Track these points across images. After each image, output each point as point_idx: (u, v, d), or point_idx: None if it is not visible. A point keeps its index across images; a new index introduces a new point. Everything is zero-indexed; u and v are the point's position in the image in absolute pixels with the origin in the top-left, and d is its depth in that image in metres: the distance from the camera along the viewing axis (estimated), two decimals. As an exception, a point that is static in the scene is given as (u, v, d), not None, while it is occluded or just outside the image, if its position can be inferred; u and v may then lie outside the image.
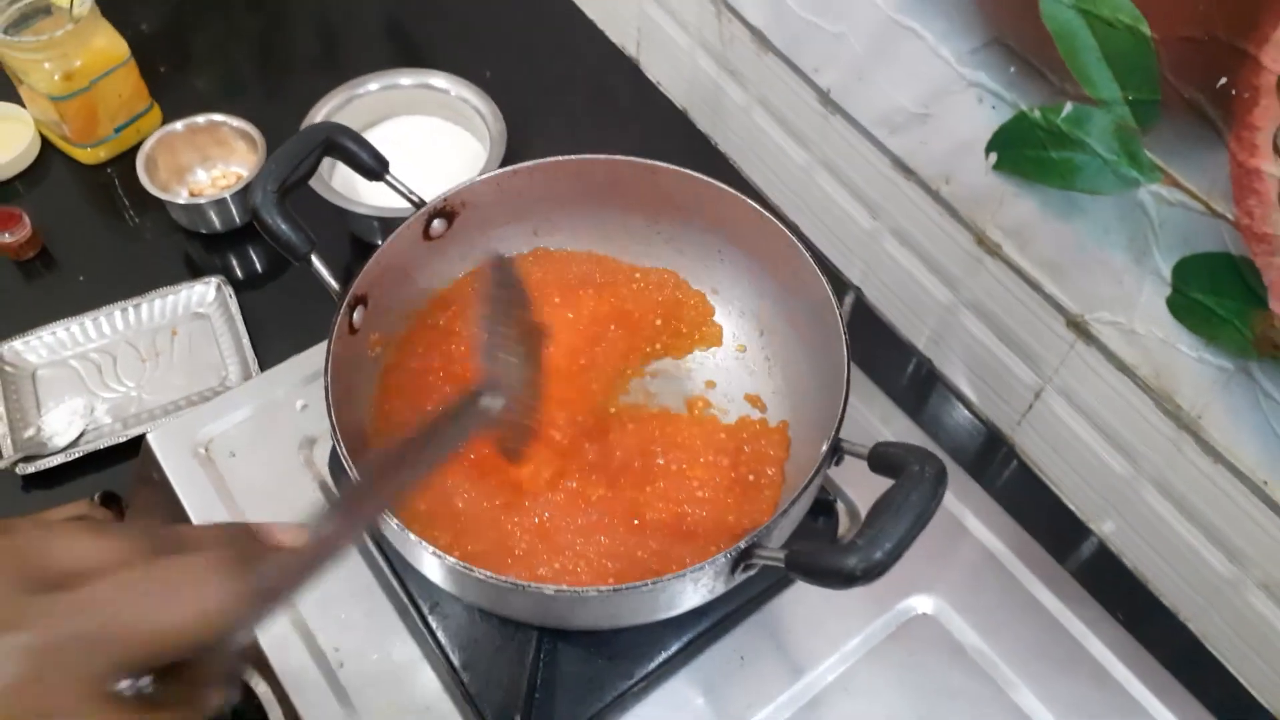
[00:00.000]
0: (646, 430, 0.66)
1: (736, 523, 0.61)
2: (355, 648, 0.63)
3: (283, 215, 0.57)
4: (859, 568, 0.44)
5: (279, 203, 0.57)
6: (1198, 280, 0.60)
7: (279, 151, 0.59)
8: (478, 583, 0.50)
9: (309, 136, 0.60)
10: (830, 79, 0.81)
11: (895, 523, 0.45)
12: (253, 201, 0.58)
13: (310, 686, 0.61)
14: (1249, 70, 0.52)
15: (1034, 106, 0.65)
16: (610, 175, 0.69)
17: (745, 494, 0.63)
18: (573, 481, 0.62)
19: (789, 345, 0.71)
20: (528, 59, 1.13)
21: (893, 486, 0.47)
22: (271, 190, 0.57)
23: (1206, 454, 0.65)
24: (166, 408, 0.86)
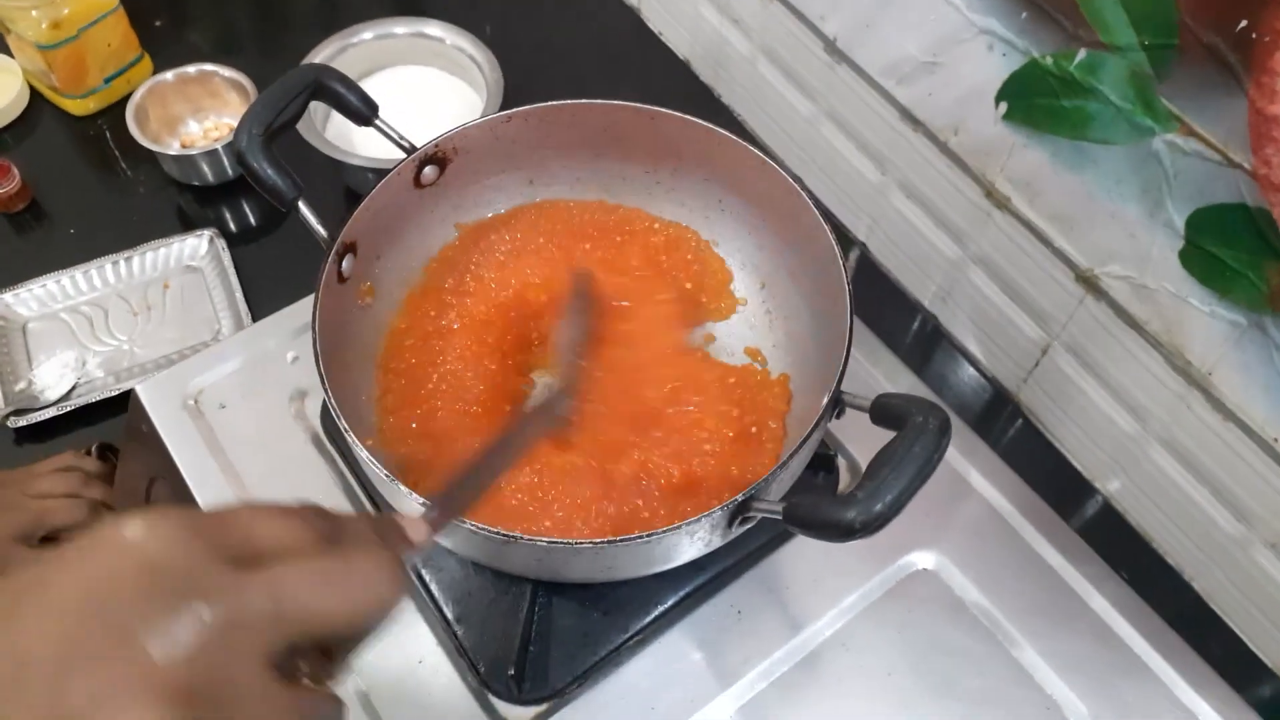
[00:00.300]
0: (650, 373, 0.65)
1: (740, 476, 0.61)
2: None
3: (268, 159, 0.56)
4: (858, 520, 0.43)
5: (265, 146, 0.56)
6: (1212, 232, 0.59)
7: (264, 94, 0.58)
8: (470, 534, 0.49)
9: (296, 78, 0.59)
10: (836, 27, 0.79)
11: (897, 475, 0.44)
12: (238, 145, 0.56)
13: None
14: (1271, 12, 0.50)
15: (1046, 54, 0.63)
16: (607, 121, 0.68)
17: (747, 446, 0.62)
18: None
19: (790, 298, 0.70)
20: (528, 11, 1.12)
21: (895, 438, 0.46)
22: (257, 134, 0.55)
23: (1216, 411, 0.64)
24: (159, 361, 0.85)
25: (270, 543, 0.35)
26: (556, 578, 0.59)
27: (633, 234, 0.72)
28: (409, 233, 0.67)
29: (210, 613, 0.31)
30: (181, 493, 0.66)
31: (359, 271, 0.63)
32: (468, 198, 0.70)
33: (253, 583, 0.33)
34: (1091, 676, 0.64)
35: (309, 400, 0.71)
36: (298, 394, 0.71)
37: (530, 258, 0.70)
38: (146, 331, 0.88)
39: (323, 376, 0.54)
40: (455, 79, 0.98)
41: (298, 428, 0.70)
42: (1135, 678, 0.64)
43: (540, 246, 0.71)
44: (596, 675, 0.61)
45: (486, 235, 0.71)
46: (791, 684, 0.62)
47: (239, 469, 0.68)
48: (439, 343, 0.66)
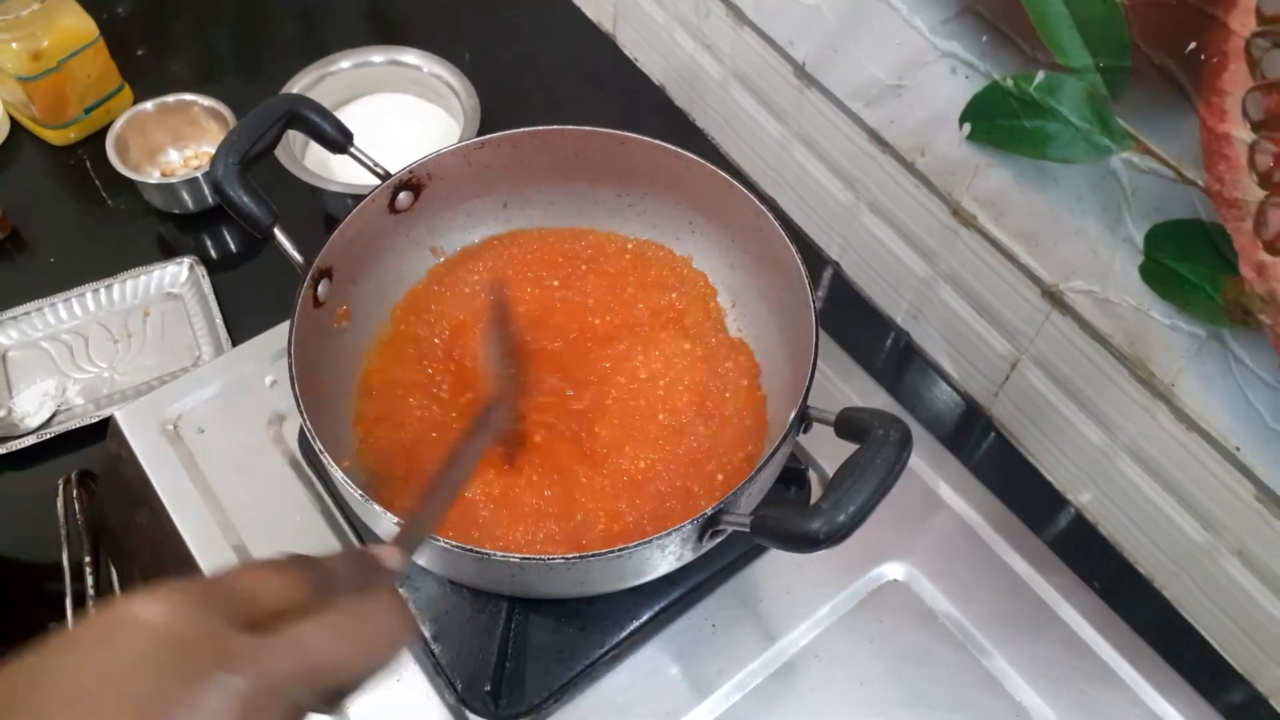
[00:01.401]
0: (625, 389, 0.66)
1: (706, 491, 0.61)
2: None
3: (244, 187, 0.57)
4: (822, 530, 0.44)
5: (241, 175, 0.57)
6: (1170, 247, 0.61)
7: (240, 124, 0.59)
8: (445, 552, 0.50)
9: (270, 108, 0.60)
10: (805, 51, 0.81)
11: (859, 486, 0.45)
12: (214, 174, 0.57)
13: None
14: (1217, 35, 0.52)
15: (1006, 76, 0.65)
16: (579, 147, 0.69)
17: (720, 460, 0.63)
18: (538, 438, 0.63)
19: (761, 316, 0.70)
20: (505, 37, 1.13)
21: (857, 450, 0.47)
22: (233, 163, 0.56)
23: (1180, 421, 0.65)
24: (139, 388, 0.85)
25: (276, 601, 0.35)
26: (531, 594, 0.59)
27: (608, 256, 0.73)
28: (385, 257, 0.68)
29: (242, 682, 0.31)
30: (161, 518, 0.66)
31: (335, 296, 0.63)
32: (442, 222, 0.71)
33: (275, 646, 0.33)
34: (1061, 683, 0.64)
35: (287, 424, 0.71)
36: (276, 418, 0.72)
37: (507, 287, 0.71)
38: (127, 359, 0.88)
39: (298, 400, 0.54)
40: (433, 106, 1.00)
41: (276, 451, 0.70)
42: (1104, 684, 0.65)
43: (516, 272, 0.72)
44: (573, 690, 0.61)
45: (461, 264, 0.72)
46: (766, 695, 0.63)
47: (218, 493, 0.68)
48: (414, 366, 0.66)
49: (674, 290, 0.71)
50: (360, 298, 0.67)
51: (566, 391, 0.66)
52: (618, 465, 0.62)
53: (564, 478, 0.61)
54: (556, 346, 0.67)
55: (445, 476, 0.48)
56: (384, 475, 0.61)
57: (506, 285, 0.70)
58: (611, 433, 0.63)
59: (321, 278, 0.60)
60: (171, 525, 0.65)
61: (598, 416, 0.65)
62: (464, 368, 0.66)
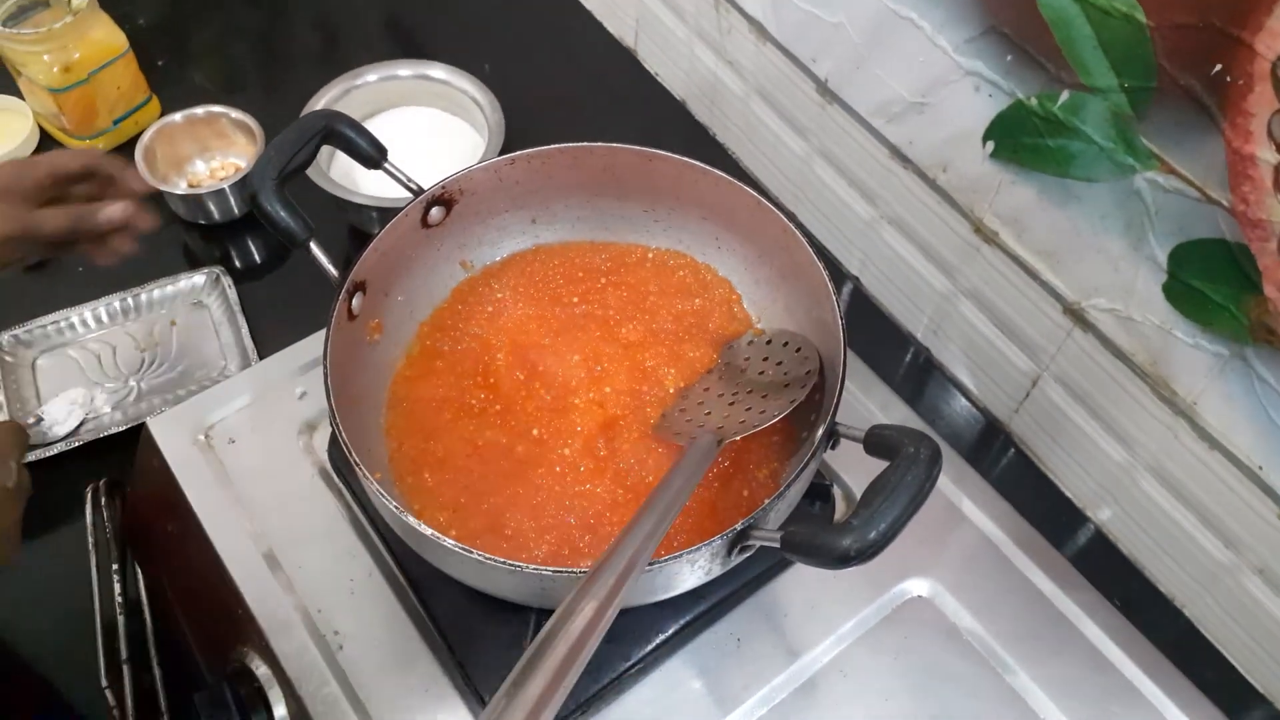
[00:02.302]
0: (649, 401, 0.67)
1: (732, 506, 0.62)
2: (354, 631, 0.63)
3: (282, 203, 0.58)
4: (853, 548, 0.45)
5: (278, 190, 0.58)
6: (1193, 266, 0.61)
7: (278, 139, 0.60)
8: (477, 564, 0.50)
9: (308, 124, 0.61)
10: (828, 68, 0.82)
11: (890, 503, 0.46)
12: (252, 189, 0.58)
13: (310, 669, 0.61)
14: (1243, 57, 0.52)
15: (1030, 94, 0.65)
16: (608, 163, 0.70)
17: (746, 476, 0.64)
18: (569, 451, 0.64)
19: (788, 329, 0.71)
20: (526, 51, 1.14)
21: (887, 468, 0.48)
22: (271, 178, 0.57)
23: (1202, 440, 0.65)
24: (166, 398, 0.86)
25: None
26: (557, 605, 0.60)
27: (628, 267, 0.74)
28: (416, 271, 0.69)
29: None
30: (192, 527, 0.67)
31: (368, 309, 0.64)
32: (473, 237, 0.72)
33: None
34: (1084, 701, 0.65)
35: (317, 434, 0.72)
36: (306, 428, 0.73)
37: (526, 301, 0.72)
38: (153, 368, 0.89)
39: (334, 414, 0.55)
40: (457, 119, 1.01)
41: (306, 461, 0.71)
42: (1127, 702, 0.65)
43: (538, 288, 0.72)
44: (599, 703, 0.62)
45: (485, 281, 0.73)
46: (790, 710, 0.63)
47: (248, 502, 0.69)
48: (443, 379, 0.67)
49: (697, 296, 0.72)
50: (392, 311, 0.68)
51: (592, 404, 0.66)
52: (641, 479, 0.63)
53: (589, 493, 0.62)
54: (576, 361, 0.68)
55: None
56: (415, 487, 0.61)
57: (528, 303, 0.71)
58: (633, 447, 0.64)
59: (356, 291, 0.61)
60: (202, 534, 0.66)
61: (622, 430, 0.65)
62: (489, 383, 0.67)
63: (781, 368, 0.65)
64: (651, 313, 0.70)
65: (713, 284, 0.73)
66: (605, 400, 0.65)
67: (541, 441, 0.63)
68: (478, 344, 0.68)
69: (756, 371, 0.65)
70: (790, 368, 0.64)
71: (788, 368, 0.64)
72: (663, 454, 0.63)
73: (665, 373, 0.67)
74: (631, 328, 0.69)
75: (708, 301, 0.72)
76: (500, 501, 0.60)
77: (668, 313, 0.70)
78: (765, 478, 0.62)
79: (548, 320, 0.70)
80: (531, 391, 0.66)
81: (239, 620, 0.63)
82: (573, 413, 0.65)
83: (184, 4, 1.20)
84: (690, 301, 0.71)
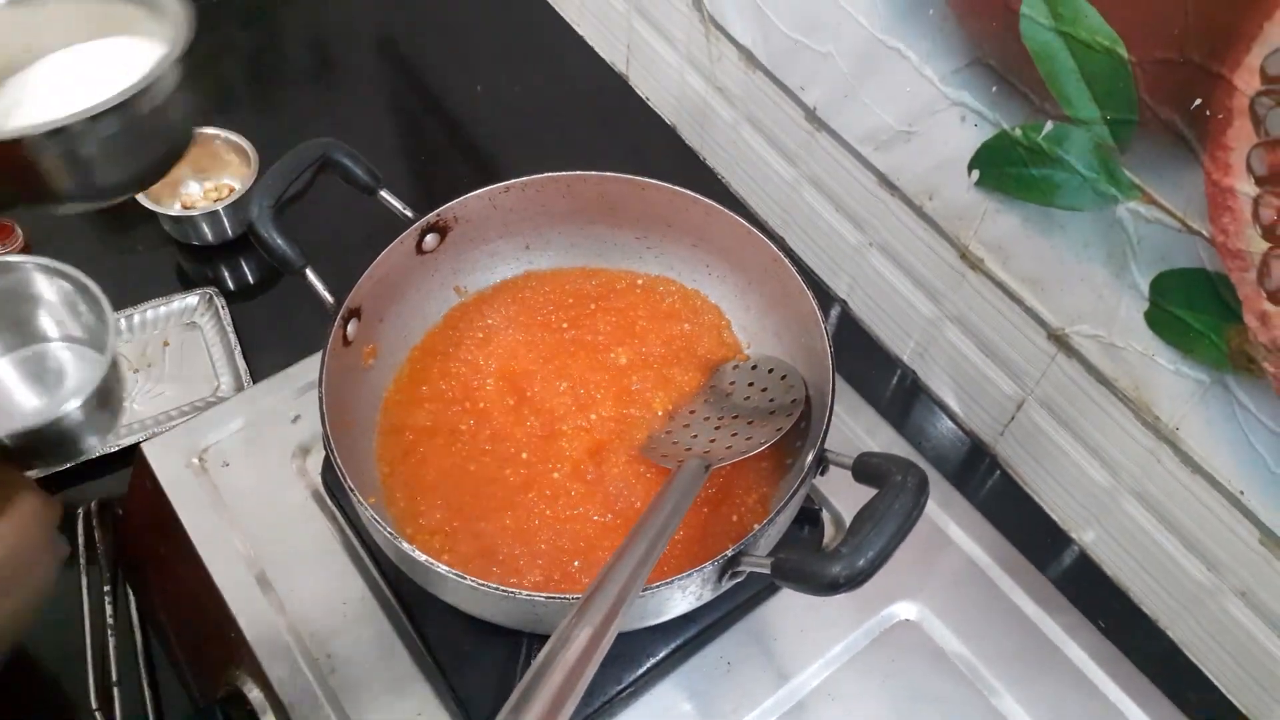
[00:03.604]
0: (638, 425, 0.67)
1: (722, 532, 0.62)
2: (347, 654, 0.64)
3: (279, 230, 0.59)
4: (842, 575, 0.46)
5: (275, 217, 0.59)
6: (1175, 295, 0.62)
7: (274, 167, 0.60)
8: (470, 589, 0.51)
9: (304, 153, 0.61)
10: (817, 97, 0.83)
11: (878, 531, 0.46)
12: (249, 217, 0.59)
13: (302, 693, 0.61)
14: (1222, 92, 0.53)
15: (1015, 125, 0.66)
16: (601, 191, 0.71)
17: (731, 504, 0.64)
18: (556, 473, 0.65)
19: (775, 356, 0.72)
20: (519, 73, 1.15)
21: (875, 496, 0.49)
22: (268, 205, 0.58)
23: (1184, 465, 0.66)
24: (158, 418, 0.86)
25: None
26: (550, 631, 0.60)
27: (618, 293, 0.75)
28: (410, 296, 0.70)
29: None
30: (185, 549, 0.67)
31: (362, 334, 0.65)
32: (466, 263, 0.72)
33: None
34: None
35: (310, 458, 0.73)
36: (299, 451, 0.73)
37: (516, 327, 0.72)
38: (146, 388, 0.89)
39: (328, 439, 0.56)
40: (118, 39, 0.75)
41: (299, 484, 0.71)
42: None
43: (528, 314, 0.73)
44: None
45: (476, 308, 0.73)
46: (780, 733, 0.64)
47: (241, 525, 0.69)
48: (433, 405, 0.68)
49: (686, 321, 0.73)
50: (386, 336, 0.68)
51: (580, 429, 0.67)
52: (630, 504, 0.63)
53: (580, 517, 0.62)
54: (565, 387, 0.69)
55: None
56: (408, 512, 0.62)
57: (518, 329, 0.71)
58: (622, 471, 0.65)
59: (351, 317, 0.62)
60: (195, 556, 0.66)
61: (610, 454, 0.66)
62: (479, 408, 0.68)
63: (767, 395, 0.65)
64: (641, 338, 0.71)
65: (702, 309, 0.73)
66: (593, 426, 0.66)
67: (531, 466, 0.64)
68: (468, 369, 0.69)
69: (743, 397, 0.66)
70: (776, 395, 0.65)
71: (774, 395, 0.65)
72: (651, 478, 0.64)
73: (653, 396, 0.68)
74: (620, 352, 0.70)
75: (697, 327, 0.72)
76: (492, 527, 0.61)
77: (657, 337, 0.71)
78: (754, 503, 0.63)
79: (537, 346, 0.71)
80: (520, 417, 0.67)
81: (231, 643, 0.64)
82: (561, 438, 0.65)
83: None
84: (679, 326, 0.72)
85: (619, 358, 0.70)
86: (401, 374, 0.69)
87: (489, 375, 0.69)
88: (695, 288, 0.74)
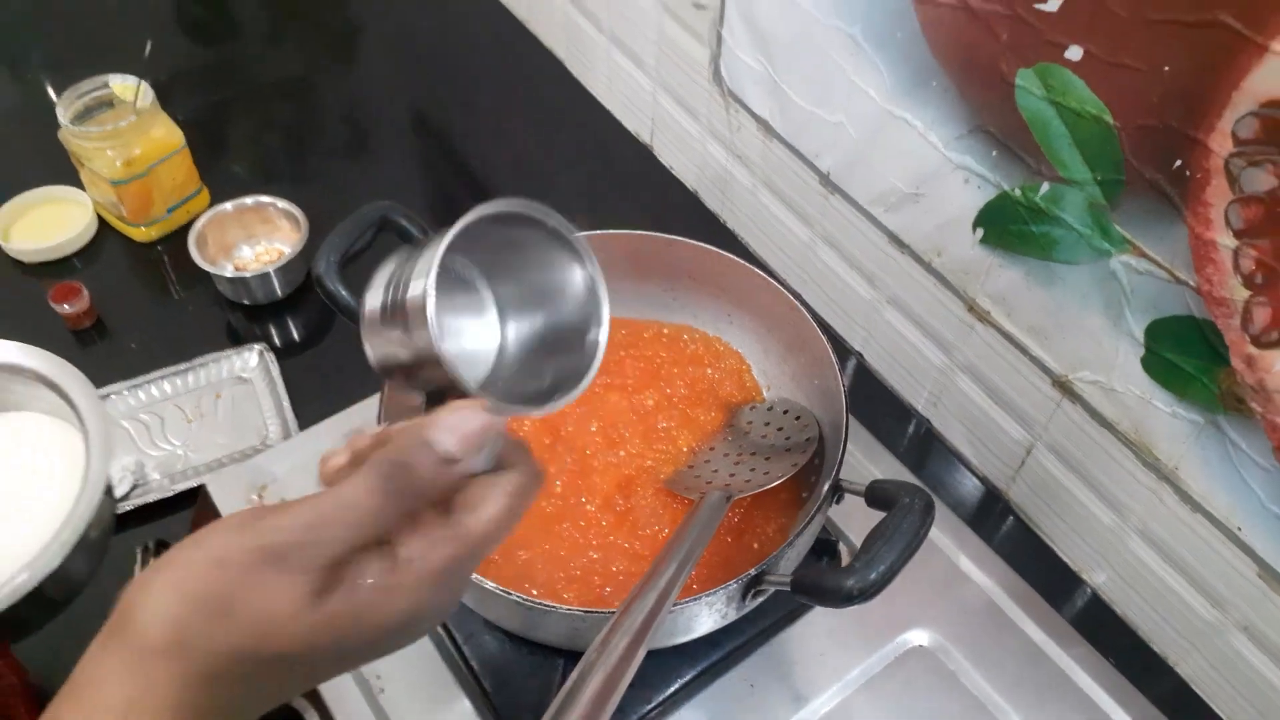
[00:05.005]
0: (665, 460, 0.71)
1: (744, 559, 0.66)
2: (395, 675, 0.67)
3: (342, 282, 0.64)
4: (855, 587, 0.49)
5: (339, 271, 0.64)
6: (1167, 341, 0.64)
7: (339, 226, 0.66)
8: (514, 605, 0.55)
9: (365, 214, 0.67)
10: (830, 163, 0.85)
11: (888, 548, 0.50)
12: (316, 270, 0.64)
13: (354, 710, 0.65)
14: (1199, 154, 0.56)
15: (1015, 186, 0.69)
16: (630, 248, 0.75)
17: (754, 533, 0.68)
18: (592, 506, 0.68)
19: (793, 398, 0.76)
20: (550, 145, 1.19)
21: (885, 517, 0.52)
22: (334, 260, 0.64)
23: (1185, 503, 0.67)
24: (210, 464, 0.90)
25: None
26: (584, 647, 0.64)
27: (645, 341, 0.79)
28: (454, 345, 0.75)
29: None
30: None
31: (413, 378, 0.69)
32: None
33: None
34: None
35: (362, 494, 0.76)
36: (352, 488, 0.77)
37: None
38: (200, 437, 0.93)
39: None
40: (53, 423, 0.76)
41: (349, 517, 0.75)
42: None
43: None
44: None
45: None
46: (800, 753, 0.66)
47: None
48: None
49: (709, 366, 0.76)
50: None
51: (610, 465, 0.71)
52: (657, 533, 0.67)
53: (611, 544, 0.66)
54: (596, 427, 0.73)
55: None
56: None
57: None
58: (649, 502, 0.68)
59: (404, 363, 0.67)
60: None
61: (638, 487, 0.70)
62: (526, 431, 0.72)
63: (783, 434, 0.69)
64: (667, 381, 0.75)
65: (724, 355, 0.77)
66: (622, 462, 0.70)
67: (565, 498, 0.68)
68: None
69: (760, 436, 0.70)
70: (792, 434, 0.69)
71: (789, 434, 0.69)
72: (676, 509, 0.67)
73: (678, 434, 0.71)
74: (648, 395, 0.74)
75: (719, 371, 0.76)
76: (530, 554, 0.65)
77: (681, 381, 0.75)
78: (774, 532, 0.67)
79: None
80: (556, 454, 0.71)
81: None
82: (593, 473, 0.69)
83: (225, 102, 1.27)
84: (703, 371, 0.76)
85: (646, 400, 0.74)
86: (445, 412, 0.74)
87: (525, 417, 0.73)
88: (717, 335, 0.78)
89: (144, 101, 1.03)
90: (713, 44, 0.95)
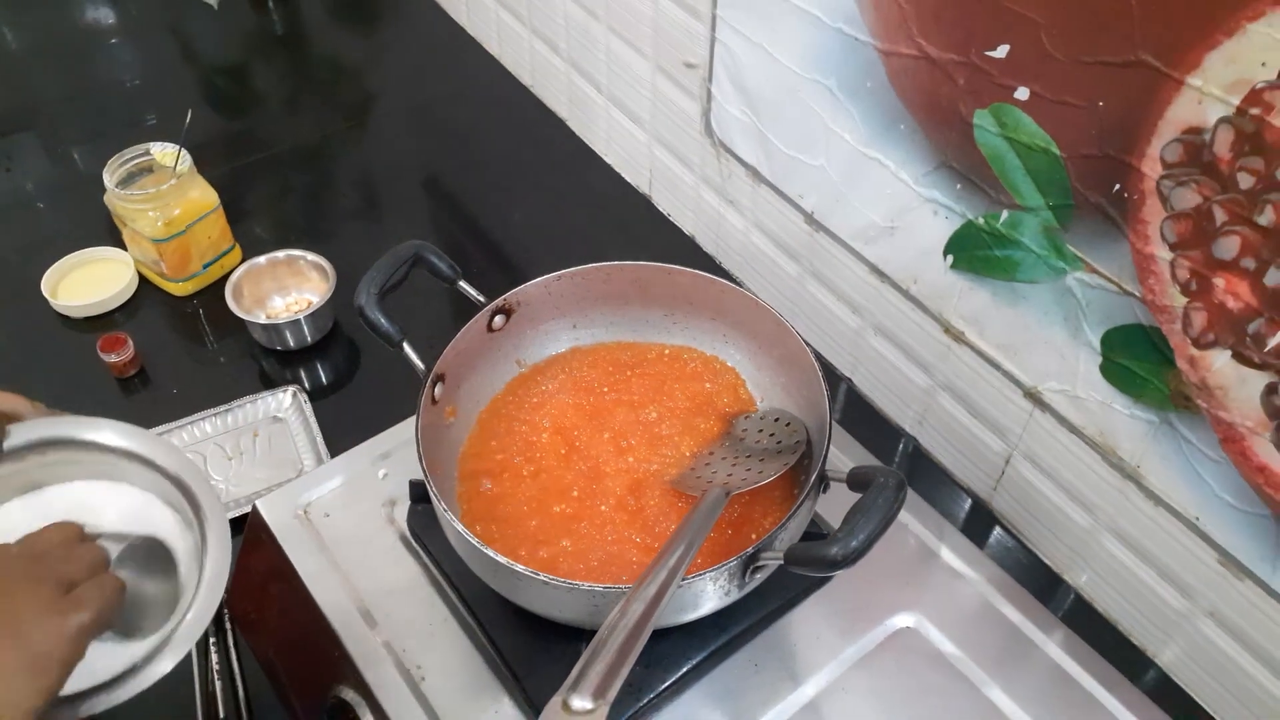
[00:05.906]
0: (669, 463, 0.77)
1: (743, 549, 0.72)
2: (435, 665, 0.72)
3: (381, 312, 0.72)
4: (839, 554, 0.55)
5: (379, 302, 0.72)
6: (1121, 348, 0.67)
7: (378, 262, 0.74)
8: (541, 585, 0.61)
9: (400, 252, 0.75)
10: (813, 203, 0.90)
11: (866, 520, 0.56)
12: (358, 301, 0.72)
13: (399, 698, 0.70)
14: (1135, 178, 0.60)
15: (978, 215, 0.73)
16: (635, 278, 0.82)
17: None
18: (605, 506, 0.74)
19: (784, 407, 0.82)
20: (556, 200, 1.25)
21: (863, 495, 0.59)
22: (374, 292, 0.72)
23: (1149, 499, 0.70)
24: (250, 496, 0.96)
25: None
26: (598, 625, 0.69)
27: (649, 361, 0.85)
28: (481, 367, 0.81)
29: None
30: (296, 587, 0.76)
31: (445, 396, 0.76)
32: (526, 339, 0.84)
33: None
34: (1050, 710, 0.71)
35: (397, 508, 0.82)
36: (388, 503, 0.83)
37: (566, 392, 0.83)
38: (240, 472, 0.99)
39: (426, 474, 0.66)
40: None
41: (389, 530, 0.81)
42: (1089, 711, 0.71)
43: (575, 381, 0.84)
44: (640, 719, 0.70)
45: (531, 377, 0.85)
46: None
47: (343, 564, 0.78)
48: (503, 453, 0.79)
49: (707, 381, 0.83)
50: (462, 399, 0.79)
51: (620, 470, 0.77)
52: (666, 529, 0.73)
53: (624, 539, 0.72)
54: (607, 437, 0.80)
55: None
56: (483, 537, 0.69)
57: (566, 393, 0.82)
58: (658, 502, 0.74)
59: (438, 381, 0.74)
60: (305, 591, 0.75)
61: (647, 488, 0.76)
62: (537, 456, 0.78)
63: (775, 438, 0.76)
64: (669, 396, 0.81)
65: (721, 371, 0.84)
66: (631, 467, 0.76)
67: (581, 501, 0.74)
68: (528, 427, 0.80)
69: (754, 440, 0.77)
70: (782, 438, 0.75)
71: (781, 438, 0.76)
72: (682, 507, 0.73)
73: (681, 441, 0.78)
74: (652, 408, 0.80)
75: (717, 385, 0.83)
76: (552, 550, 0.71)
77: (683, 395, 0.81)
78: (769, 525, 0.72)
79: (584, 406, 0.81)
80: (571, 462, 0.77)
81: (336, 660, 0.72)
82: (606, 478, 0.75)
83: (247, 168, 1.34)
84: (702, 385, 0.82)
85: (651, 413, 0.80)
86: (474, 431, 0.80)
87: (544, 430, 0.79)
88: (714, 354, 0.85)
89: (183, 165, 1.10)
90: (703, 99, 1.00)
